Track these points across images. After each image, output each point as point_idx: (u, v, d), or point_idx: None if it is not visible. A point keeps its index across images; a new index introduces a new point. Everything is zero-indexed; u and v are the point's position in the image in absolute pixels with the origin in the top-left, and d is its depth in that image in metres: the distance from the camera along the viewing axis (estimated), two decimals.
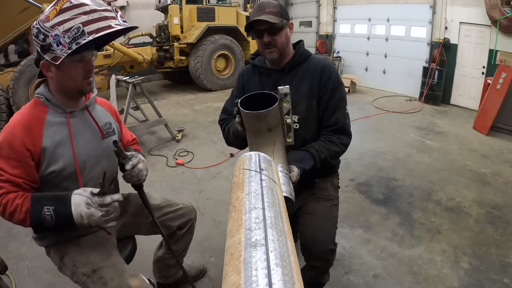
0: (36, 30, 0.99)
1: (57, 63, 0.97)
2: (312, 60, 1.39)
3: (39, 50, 1.02)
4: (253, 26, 1.27)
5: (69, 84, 1.08)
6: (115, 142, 1.05)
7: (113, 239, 1.28)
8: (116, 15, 1.05)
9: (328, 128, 1.35)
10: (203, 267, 1.84)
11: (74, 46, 0.96)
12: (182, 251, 1.54)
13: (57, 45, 0.97)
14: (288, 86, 1.02)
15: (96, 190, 1.01)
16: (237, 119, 1.11)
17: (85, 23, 0.97)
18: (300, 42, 1.42)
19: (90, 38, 0.97)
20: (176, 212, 1.43)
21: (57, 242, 1.18)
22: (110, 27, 1.00)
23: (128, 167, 1.13)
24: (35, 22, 1.02)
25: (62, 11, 0.97)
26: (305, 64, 1.37)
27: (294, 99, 1.25)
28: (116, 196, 1.02)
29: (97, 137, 1.18)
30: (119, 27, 1.03)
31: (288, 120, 1.03)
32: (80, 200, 0.99)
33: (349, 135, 1.37)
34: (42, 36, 0.98)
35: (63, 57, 0.97)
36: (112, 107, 1.34)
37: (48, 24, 0.97)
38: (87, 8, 0.98)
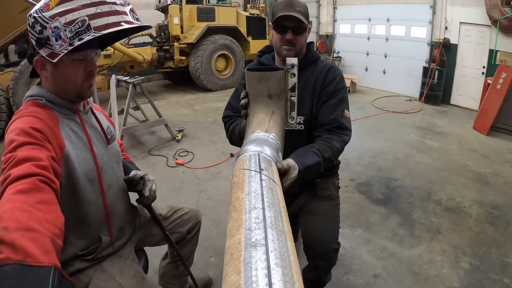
0: (33, 20, 0.83)
1: (54, 61, 0.82)
2: (320, 63, 1.39)
3: (34, 43, 0.85)
4: (279, 21, 1.24)
5: (67, 86, 0.93)
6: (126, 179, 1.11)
7: (135, 257, 1.19)
8: (127, 11, 0.91)
9: (326, 126, 1.28)
10: (209, 278, 1.79)
11: (76, 42, 0.81)
12: (189, 256, 1.47)
13: (56, 40, 0.81)
14: (296, 58, 0.97)
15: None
16: (242, 93, 1.02)
17: (91, 16, 0.83)
18: (310, 44, 1.40)
19: (97, 34, 0.82)
20: (183, 217, 1.39)
21: (77, 271, 1.01)
22: (119, 24, 0.86)
23: (146, 193, 1.12)
24: (32, 11, 0.85)
25: None
26: (312, 66, 1.37)
27: (299, 100, 1.23)
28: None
29: (104, 142, 1.07)
30: (130, 25, 0.88)
31: (293, 98, 0.97)
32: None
33: (347, 134, 1.30)
34: (39, 28, 0.82)
35: (62, 54, 0.82)
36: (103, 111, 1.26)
37: (47, 14, 0.81)
38: None
